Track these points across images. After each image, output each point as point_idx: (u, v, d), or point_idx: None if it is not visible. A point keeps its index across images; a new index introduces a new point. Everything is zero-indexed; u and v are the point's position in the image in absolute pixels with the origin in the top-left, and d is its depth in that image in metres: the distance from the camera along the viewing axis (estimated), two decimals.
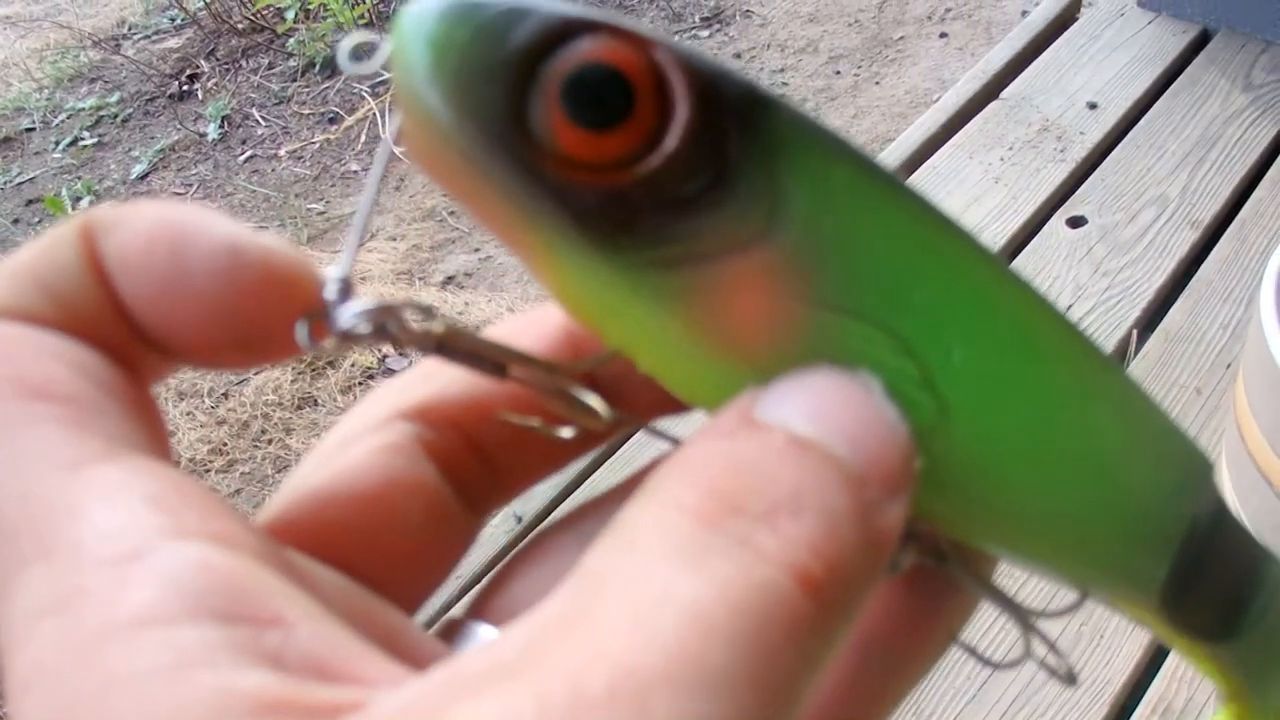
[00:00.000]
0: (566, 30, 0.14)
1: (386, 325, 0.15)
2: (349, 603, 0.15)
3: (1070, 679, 0.18)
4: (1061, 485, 0.16)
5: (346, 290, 0.15)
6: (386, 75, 0.14)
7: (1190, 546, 0.17)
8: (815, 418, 0.14)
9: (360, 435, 0.17)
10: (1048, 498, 0.16)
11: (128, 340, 0.14)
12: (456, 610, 0.18)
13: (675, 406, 0.18)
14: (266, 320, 0.15)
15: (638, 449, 0.66)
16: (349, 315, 0.15)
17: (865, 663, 0.17)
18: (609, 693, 0.11)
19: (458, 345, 0.16)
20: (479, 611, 0.18)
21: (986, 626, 0.54)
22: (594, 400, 0.17)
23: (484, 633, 0.17)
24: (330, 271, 0.15)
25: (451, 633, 0.17)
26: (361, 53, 0.15)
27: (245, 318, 0.14)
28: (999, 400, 0.15)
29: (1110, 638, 0.56)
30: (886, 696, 0.18)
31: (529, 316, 0.18)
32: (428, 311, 0.15)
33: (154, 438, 0.14)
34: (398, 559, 0.17)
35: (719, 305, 0.14)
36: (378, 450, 0.17)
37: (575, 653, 0.11)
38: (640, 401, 0.18)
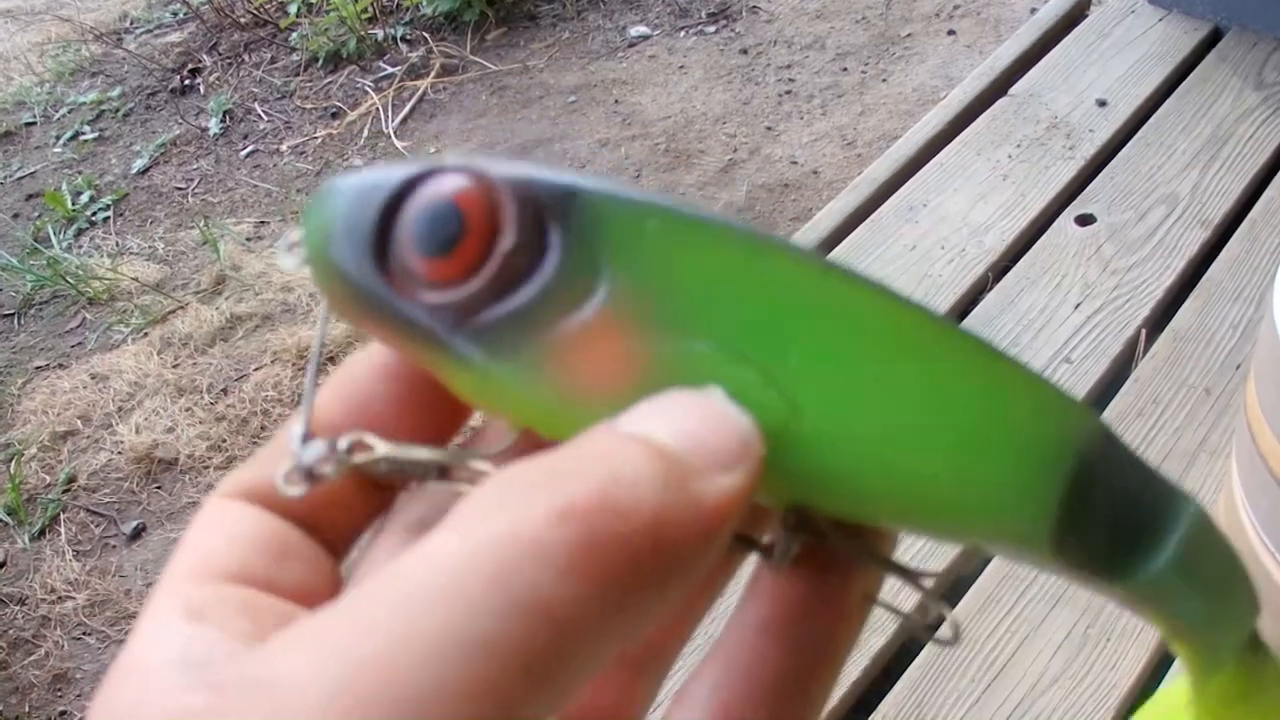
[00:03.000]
0: (411, 184, 0.17)
1: (342, 461, 0.18)
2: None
3: (955, 638, 0.20)
4: (923, 457, 0.17)
5: (308, 437, 0.18)
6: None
7: (1075, 493, 0.18)
8: (645, 417, 0.16)
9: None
10: (912, 470, 0.17)
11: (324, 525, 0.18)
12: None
13: None
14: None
15: None
16: (310, 457, 0.18)
17: (786, 647, 0.19)
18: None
19: (403, 466, 0.18)
20: None
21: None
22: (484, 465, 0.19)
23: None
24: (293, 429, 0.18)
25: None
26: (293, 245, 0.18)
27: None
28: (845, 389, 0.17)
29: (1117, 640, 0.55)
30: (819, 671, 0.19)
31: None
32: (369, 446, 0.18)
33: (316, 581, 0.18)
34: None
35: (572, 363, 0.17)
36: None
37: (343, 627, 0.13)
38: None
